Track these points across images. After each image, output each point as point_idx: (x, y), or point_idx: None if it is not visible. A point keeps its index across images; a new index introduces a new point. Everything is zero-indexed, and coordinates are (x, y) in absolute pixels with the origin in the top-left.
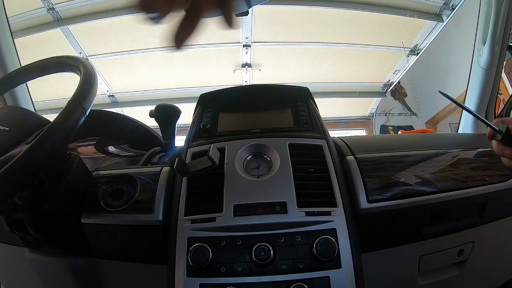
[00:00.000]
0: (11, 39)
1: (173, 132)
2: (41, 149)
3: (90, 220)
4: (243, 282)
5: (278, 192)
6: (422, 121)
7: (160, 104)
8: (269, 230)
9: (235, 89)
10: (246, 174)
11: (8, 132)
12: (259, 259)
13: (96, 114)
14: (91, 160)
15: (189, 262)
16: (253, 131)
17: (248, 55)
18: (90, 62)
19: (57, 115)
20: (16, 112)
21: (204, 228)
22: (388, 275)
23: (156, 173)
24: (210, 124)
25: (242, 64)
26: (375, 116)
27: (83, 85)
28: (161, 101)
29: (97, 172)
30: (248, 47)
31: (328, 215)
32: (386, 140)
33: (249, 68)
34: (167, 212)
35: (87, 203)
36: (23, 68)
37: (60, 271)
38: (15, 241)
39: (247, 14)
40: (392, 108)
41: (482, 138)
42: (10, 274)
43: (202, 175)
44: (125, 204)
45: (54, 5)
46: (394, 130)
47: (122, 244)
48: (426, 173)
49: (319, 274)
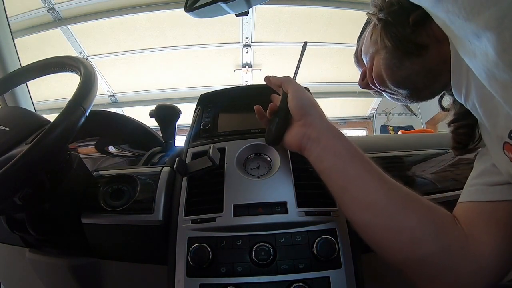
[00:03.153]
0: (11, 39)
1: (173, 132)
2: (41, 150)
3: (90, 220)
4: (243, 282)
5: (278, 192)
6: (422, 121)
7: (160, 104)
8: (269, 230)
9: (236, 89)
10: (246, 174)
11: (8, 132)
12: (259, 259)
13: (96, 114)
14: (91, 160)
15: (189, 262)
16: (253, 131)
17: (248, 55)
18: (90, 62)
19: (57, 115)
20: (16, 112)
21: (204, 228)
22: (388, 275)
23: (156, 173)
24: (210, 124)
25: (243, 64)
26: (375, 116)
27: (83, 85)
28: (161, 101)
29: (97, 172)
30: (248, 47)
31: (328, 215)
32: (386, 140)
33: (249, 68)
34: (167, 212)
35: (87, 203)
36: (23, 68)
37: (60, 271)
38: (15, 241)
39: (247, 14)
40: (392, 108)
41: None
42: (10, 274)
43: (202, 175)
44: (125, 204)
45: (54, 5)
46: (394, 130)
47: (122, 244)
48: (426, 173)
49: (319, 274)
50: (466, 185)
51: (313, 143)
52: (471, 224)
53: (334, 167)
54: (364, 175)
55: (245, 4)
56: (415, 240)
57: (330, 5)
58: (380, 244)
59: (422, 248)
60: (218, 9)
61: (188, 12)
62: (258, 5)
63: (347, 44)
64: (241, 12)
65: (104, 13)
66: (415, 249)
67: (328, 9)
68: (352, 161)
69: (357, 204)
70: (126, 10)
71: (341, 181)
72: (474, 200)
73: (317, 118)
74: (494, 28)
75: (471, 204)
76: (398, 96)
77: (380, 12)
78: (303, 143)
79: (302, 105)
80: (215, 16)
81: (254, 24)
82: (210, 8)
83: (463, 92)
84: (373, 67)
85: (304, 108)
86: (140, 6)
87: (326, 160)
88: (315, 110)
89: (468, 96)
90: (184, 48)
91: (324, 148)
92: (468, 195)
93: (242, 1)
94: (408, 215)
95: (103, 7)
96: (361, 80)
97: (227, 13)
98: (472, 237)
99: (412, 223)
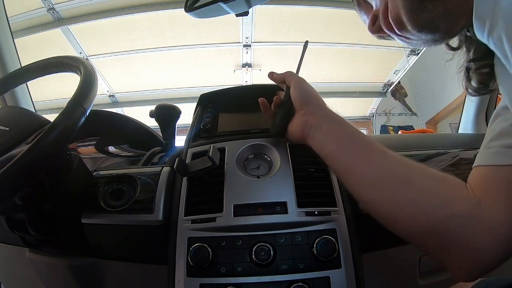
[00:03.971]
0: (11, 39)
1: (173, 132)
2: (41, 150)
3: (90, 220)
4: (243, 282)
5: (278, 192)
6: (422, 121)
7: (160, 104)
8: (269, 230)
9: (236, 89)
10: (246, 174)
11: (8, 132)
12: (259, 259)
13: (96, 114)
14: (91, 160)
15: (189, 262)
16: (253, 131)
17: (248, 55)
18: (90, 62)
19: (57, 115)
20: (16, 112)
21: (204, 228)
22: (388, 275)
23: (156, 173)
24: (210, 124)
25: (243, 64)
26: (375, 116)
27: (83, 85)
28: (161, 101)
29: (97, 172)
30: (249, 47)
31: (328, 215)
32: (386, 140)
33: (249, 68)
34: (167, 212)
35: (87, 203)
36: (23, 68)
37: (60, 271)
38: (15, 241)
39: (247, 14)
40: (392, 108)
41: (482, 138)
42: (10, 274)
43: (202, 175)
44: (125, 204)
45: (54, 5)
46: (394, 130)
47: (122, 244)
48: None
49: (319, 274)
50: (483, 147)
51: (315, 131)
52: (485, 190)
53: (337, 150)
54: (366, 153)
55: (245, 4)
56: (420, 212)
57: (330, 5)
58: (389, 219)
59: (429, 220)
60: (218, 9)
61: (188, 12)
62: (258, 5)
63: (347, 44)
64: (241, 12)
65: (104, 13)
66: (423, 220)
67: (328, 9)
68: (353, 142)
69: (363, 181)
70: (126, 10)
71: (345, 162)
72: (490, 164)
73: (317, 106)
74: None
75: (486, 169)
76: (416, 40)
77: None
78: (305, 132)
79: (302, 95)
80: (215, 16)
81: (254, 24)
82: (210, 8)
83: (487, 24)
84: (388, 9)
85: (304, 98)
86: (140, 6)
87: (328, 145)
88: (314, 99)
89: (493, 28)
90: (184, 48)
91: (326, 134)
92: (485, 158)
93: (242, 1)
94: (410, 187)
95: (103, 7)
96: (371, 25)
97: (227, 13)
98: (486, 204)
99: (415, 195)
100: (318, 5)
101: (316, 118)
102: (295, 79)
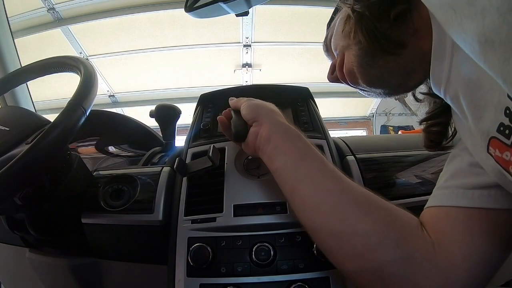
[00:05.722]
0: (11, 39)
1: (173, 132)
2: (42, 150)
3: (90, 220)
4: (243, 282)
5: (278, 192)
6: None
7: (160, 104)
8: (269, 230)
9: (236, 89)
10: (246, 174)
11: (9, 132)
12: (259, 259)
13: (97, 114)
14: (91, 160)
15: (189, 262)
16: None
17: (248, 55)
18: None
19: (58, 115)
20: (17, 112)
21: (204, 228)
22: None
23: (156, 173)
24: (210, 124)
25: (243, 64)
26: (376, 116)
27: (83, 85)
28: (161, 101)
29: (97, 172)
30: (249, 47)
31: None
32: (386, 140)
33: (249, 68)
34: (167, 212)
35: (87, 203)
36: (23, 68)
37: (60, 271)
38: (15, 241)
39: (247, 14)
40: (392, 108)
41: None
42: (10, 274)
43: (202, 175)
44: (125, 204)
45: (54, 5)
46: (394, 130)
47: (122, 244)
48: (426, 173)
49: (319, 274)
50: (438, 188)
51: (265, 143)
52: (440, 231)
53: (285, 167)
54: (315, 174)
55: (245, 4)
56: (370, 247)
57: (330, 5)
58: (332, 251)
59: (378, 257)
60: (218, 9)
61: (188, 12)
62: (258, 5)
63: None
64: (241, 12)
65: (104, 13)
66: (370, 257)
67: (328, 9)
68: (303, 160)
69: (306, 205)
70: (126, 10)
71: (291, 181)
72: (447, 205)
73: (267, 117)
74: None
75: (442, 209)
76: (371, 93)
77: (356, 3)
78: (257, 144)
79: (252, 110)
80: (215, 16)
81: (254, 24)
82: (210, 8)
83: (443, 82)
84: (344, 62)
85: (254, 111)
86: (140, 6)
87: (276, 160)
88: (265, 110)
89: (448, 87)
90: (184, 48)
91: (274, 147)
92: (441, 198)
93: (242, 1)
94: (362, 219)
95: (103, 7)
96: (330, 73)
97: (227, 13)
98: (440, 246)
99: (366, 227)
100: (318, 5)
101: (266, 129)
102: (244, 99)
